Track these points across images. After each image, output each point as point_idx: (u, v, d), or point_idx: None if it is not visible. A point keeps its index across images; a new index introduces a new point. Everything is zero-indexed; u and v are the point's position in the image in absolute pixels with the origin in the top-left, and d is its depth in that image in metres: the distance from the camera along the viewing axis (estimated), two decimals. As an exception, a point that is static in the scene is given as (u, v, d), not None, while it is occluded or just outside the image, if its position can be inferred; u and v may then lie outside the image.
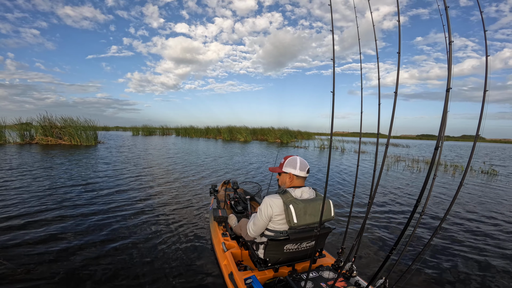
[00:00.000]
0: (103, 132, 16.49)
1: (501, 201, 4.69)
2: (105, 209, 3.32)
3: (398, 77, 1.11)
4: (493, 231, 3.12)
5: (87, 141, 12.73)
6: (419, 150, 19.22)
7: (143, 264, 2.13)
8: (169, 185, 4.79)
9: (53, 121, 12.84)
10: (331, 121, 1.23)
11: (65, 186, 4.41)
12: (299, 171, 1.59)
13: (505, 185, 6.41)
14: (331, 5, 1.18)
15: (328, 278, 1.50)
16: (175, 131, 30.34)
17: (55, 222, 2.86)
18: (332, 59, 1.19)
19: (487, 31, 1.01)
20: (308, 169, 1.61)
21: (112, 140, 16.34)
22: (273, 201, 1.52)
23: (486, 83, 0.87)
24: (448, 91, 0.87)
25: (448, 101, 0.87)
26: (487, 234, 3.02)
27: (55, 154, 8.47)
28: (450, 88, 0.87)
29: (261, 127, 24.46)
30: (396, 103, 1.07)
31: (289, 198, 1.51)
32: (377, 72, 1.46)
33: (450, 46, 0.87)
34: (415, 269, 2.15)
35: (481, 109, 0.86)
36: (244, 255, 1.88)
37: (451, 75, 0.87)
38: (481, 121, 0.88)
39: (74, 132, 12.52)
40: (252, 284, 1.48)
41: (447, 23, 0.88)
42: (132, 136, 23.10)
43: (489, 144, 62.61)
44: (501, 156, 17.60)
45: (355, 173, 6.97)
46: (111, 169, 6.15)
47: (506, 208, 4.20)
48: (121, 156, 8.83)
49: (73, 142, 12.48)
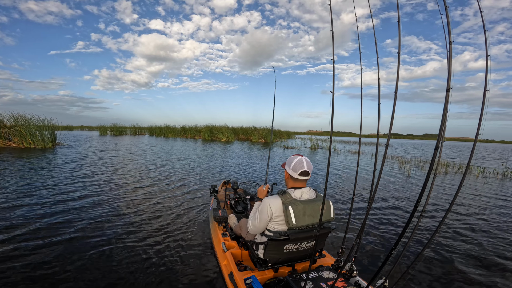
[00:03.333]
0: (65, 132, 15.26)
1: (502, 199, 5.08)
2: (88, 227, 3.08)
3: (398, 76, 1.16)
4: (494, 231, 3.34)
5: (42, 143, 11.37)
6: (394, 149, 21.24)
7: (143, 264, 2.24)
8: (164, 189, 4.67)
9: (1, 119, 11.37)
10: (330, 121, 1.26)
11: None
12: (292, 171, 1.62)
13: (495, 181, 7.09)
14: (331, 5, 1.20)
15: (328, 278, 1.56)
16: (148, 130, 29.28)
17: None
18: (332, 59, 1.21)
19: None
20: (303, 171, 1.59)
21: (75, 141, 15.10)
22: (272, 202, 1.56)
23: (486, 83, 0.95)
24: (448, 91, 0.93)
25: (448, 101, 0.93)
26: (489, 234, 3.22)
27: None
28: (450, 88, 0.92)
29: (241, 126, 24.50)
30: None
31: (288, 199, 1.55)
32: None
33: (450, 46, 0.93)
34: (416, 269, 2.27)
35: (481, 109, 0.93)
36: (244, 255, 1.96)
37: (451, 75, 0.92)
38: (481, 121, 0.95)
39: (26, 133, 11.16)
40: (252, 284, 1.54)
41: (447, 23, 0.94)
42: (99, 137, 21.74)
43: (451, 142, 69.14)
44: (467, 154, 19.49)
45: (347, 173, 7.41)
46: (72, 177, 5.39)
47: (508, 208, 4.46)
48: (85, 160, 7.86)
49: (26, 144, 11.16)
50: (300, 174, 1.59)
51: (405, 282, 2.02)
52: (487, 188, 6.33)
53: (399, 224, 3.47)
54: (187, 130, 25.44)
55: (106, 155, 9.44)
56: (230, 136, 22.05)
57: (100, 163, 7.38)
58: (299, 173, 1.59)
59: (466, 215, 3.98)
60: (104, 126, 26.67)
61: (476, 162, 12.19)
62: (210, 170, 6.99)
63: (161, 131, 26.59)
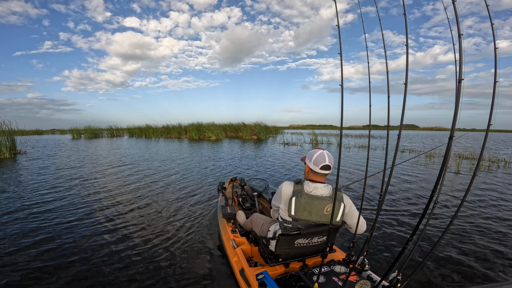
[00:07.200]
0: (34, 137, 14.41)
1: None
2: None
3: (407, 67, 1.25)
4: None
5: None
6: (383, 140, 21.54)
7: (154, 263, 2.44)
8: (172, 187, 4.66)
9: None
10: (340, 117, 1.33)
11: None
12: (313, 165, 1.71)
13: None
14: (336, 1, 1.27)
15: (340, 272, 1.65)
16: (127, 131, 28.57)
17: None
18: (340, 54, 1.28)
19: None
20: (324, 165, 1.67)
21: (42, 148, 14.03)
22: (286, 187, 1.72)
23: (496, 73, 1.05)
24: (460, 81, 1.03)
25: (460, 92, 1.02)
26: (506, 224, 3.32)
27: None
28: (462, 79, 1.02)
29: (230, 123, 24.42)
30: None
31: (298, 189, 1.66)
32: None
33: (460, 38, 1.02)
34: (430, 262, 2.39)
35: (492, 100, 1.03)
36: (254, 251, 2.08)
37: (462, 67, 1.02)
38: (492, 111, 1.05)
39: (-26, 141, 9.67)
40: (263, 279, 1.63)
41: (455, 16, 1.03)
42: (72, 141, 21.00)
43: (422, 132, 72.39)
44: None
45: (355, 167, 7.60)
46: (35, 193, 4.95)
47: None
48: (53, 172, 7.08)
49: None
50: (321, 168, 1.68)
51: (418, 276, 2.14)
52: (497, 179, 6.72)
53: (410, 216, 3.63)
54: (170, 130, 25.04)
55: (81, 161, 9.16)
56: (220, 134, 21.94)
57: (74, 173, 7.14)
58: (321, 167, 1.68)
59: (483, 207, 4.10)
60: (77, 129, 25.78)
61: (462, 150, 12.83)
62: (216, 172, 7.00)
63: (141, 131, 26.03)
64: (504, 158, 10.15)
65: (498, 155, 11.57)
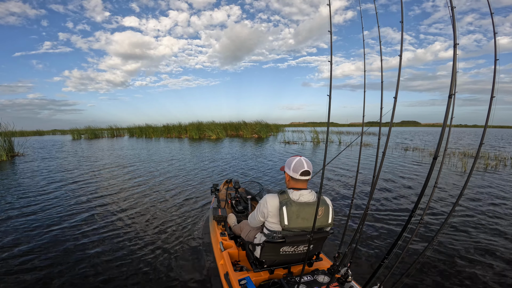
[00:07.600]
0: (35, 138, 14.56)
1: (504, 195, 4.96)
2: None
3: (401, 65, 1.18)
4: (497, 235, 3.17)
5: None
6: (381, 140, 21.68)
7: (140, 262, 2.47)
8: (163, 189, 4.71)
9: None
10: (327, 114, 1.27)
11: None
12: (292, 172, 1.72)
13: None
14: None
15: (322, 282, 1.66)
16: (128, 131, 28.70)
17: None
18: (330, 62, 1.22)
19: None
20: (304, 171, 1.69)
21: (41, 149, 13.91)
22: (270, 200, 1.70)
23: (495, 66, 0.97)
24: (450, 97, 0.96)
25: (450, 107, 0.96)
26: (493, 238, 3.09)
27: None
28: (453, 94, 0.95)
29: (230, 122, 24.35)
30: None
31: (285, 199, 1.65)
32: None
33: (455, 49, 0.95)
34: (412, 274, 2.33)
35: (491, 95, 0.95)
36: (241, 255, 2.09)
37: (455, 81, 0.95)
38: (490, 108, 0.98)
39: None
40: (246, 285, 1.64)
41: (452, 24, 0.96)
42: (72, 141, 21.12)
43: (424, 128, 71.94)
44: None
45: (349, 168, 7.45)
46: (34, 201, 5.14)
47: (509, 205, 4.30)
48: (49, 176, 7.01)
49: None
50: (301, 174, 1.69)
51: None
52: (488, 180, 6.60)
53: (398, 227, 3.44)
54: (171, 129, 25.08)
55: (82, 164, 9.19)
56: (220, 133, 21.90)
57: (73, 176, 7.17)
58: (300, 173, 1.69)
59: (470, 216, 3.84)
60: (77, 129, 25.96)
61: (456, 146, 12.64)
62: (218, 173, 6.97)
63: (142, 131, 26.12)
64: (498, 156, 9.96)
65: (492, 152, 11.36)
